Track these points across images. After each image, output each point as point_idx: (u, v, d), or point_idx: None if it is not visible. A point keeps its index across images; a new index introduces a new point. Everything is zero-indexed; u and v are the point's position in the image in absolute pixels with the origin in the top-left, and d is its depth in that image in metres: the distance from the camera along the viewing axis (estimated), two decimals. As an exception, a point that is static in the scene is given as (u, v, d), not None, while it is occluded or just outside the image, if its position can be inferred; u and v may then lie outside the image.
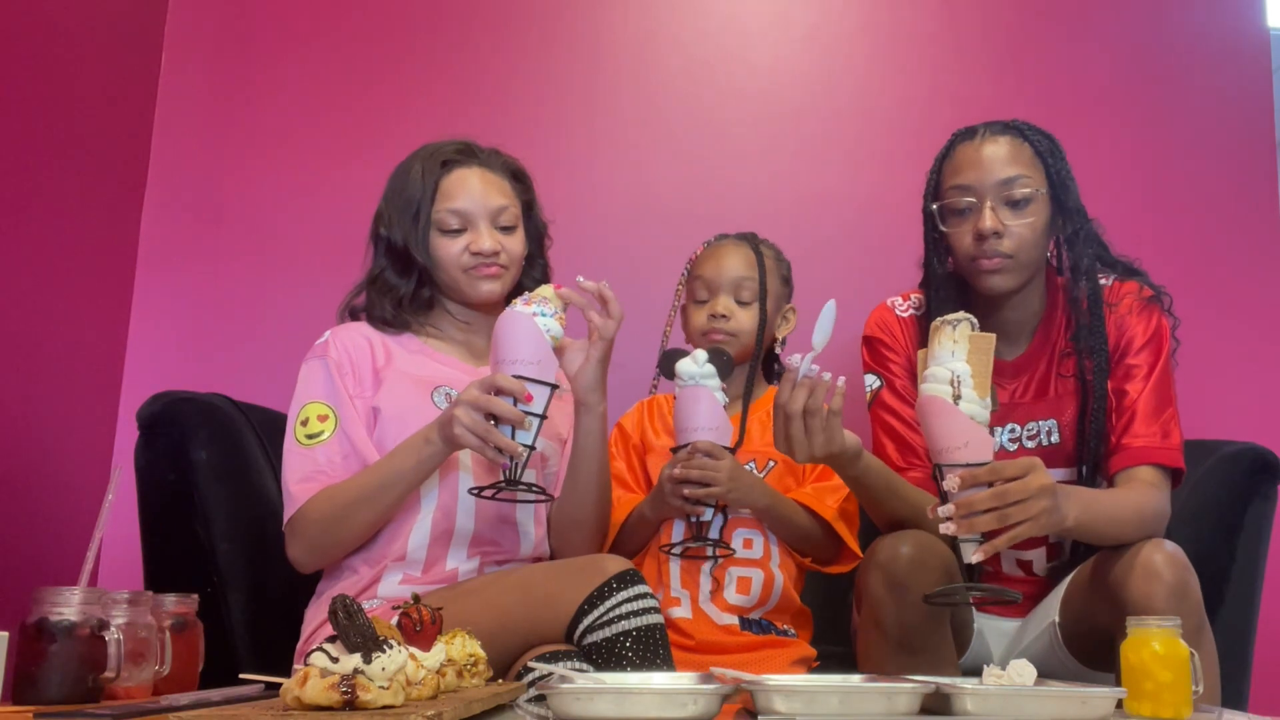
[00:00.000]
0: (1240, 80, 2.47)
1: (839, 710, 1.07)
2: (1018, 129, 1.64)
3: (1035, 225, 1.60)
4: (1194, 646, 1.36)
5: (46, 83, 1.90)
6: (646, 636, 1.40)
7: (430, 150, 1.71)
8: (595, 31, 2.44)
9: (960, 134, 1.67)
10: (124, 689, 1.16)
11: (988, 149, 1.61)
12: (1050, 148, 1.64)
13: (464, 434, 1.43)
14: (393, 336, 1.69)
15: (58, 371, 1.96)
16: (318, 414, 1.58)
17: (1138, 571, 1.40)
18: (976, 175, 1.60)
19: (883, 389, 1.72)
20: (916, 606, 1.45)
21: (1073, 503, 1.43)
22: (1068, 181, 1.63)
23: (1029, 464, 1.36)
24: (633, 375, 2.07)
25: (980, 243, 1.58)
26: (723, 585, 1.74)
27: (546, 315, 1.48)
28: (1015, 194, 1.58)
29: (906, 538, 1.49)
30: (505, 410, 1.44)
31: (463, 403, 1.44)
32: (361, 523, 1.53)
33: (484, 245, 1.64)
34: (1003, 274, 1.59)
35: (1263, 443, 1.83)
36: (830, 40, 2.47)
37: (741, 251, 1.84)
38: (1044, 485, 1.35)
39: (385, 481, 1.51)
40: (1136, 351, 1.62)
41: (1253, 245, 2.40)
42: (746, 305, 1.82)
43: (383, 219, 1.70)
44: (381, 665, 0.97)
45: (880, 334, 1.75)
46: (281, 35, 2.39)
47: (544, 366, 1.47)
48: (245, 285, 2.27)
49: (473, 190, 1.67)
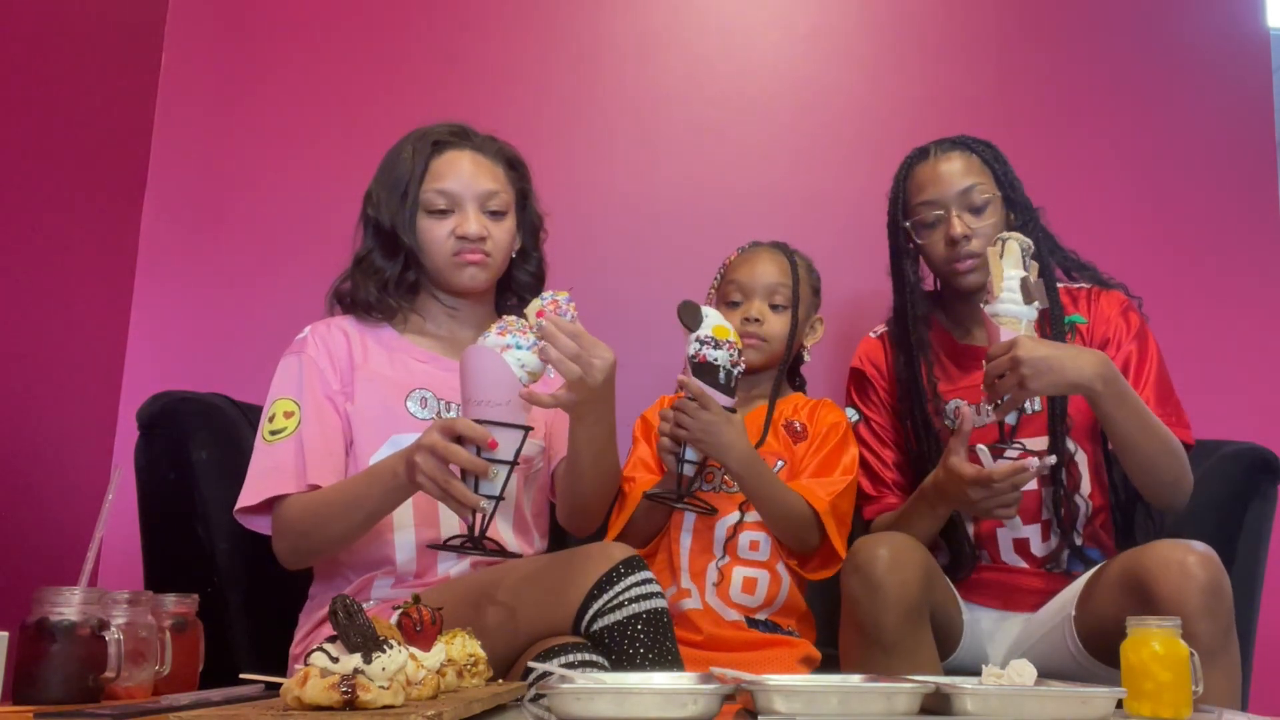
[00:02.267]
0: (1240, 80, 2.47)
1: (839, 710, 1.08)
2: (964, 144, 1.81)
3: (996, 224, 1.76)
4: (1222, 647, 1.39)
5: (46, 83, 1.90)
6: (656, 620, 1.39)
7: (423, 131, 1.67)
8: (595, 31, 2.44)
9: (914, 156, 1.84)
10: (124, 689, 1.16)
11: (943, 165, 1.78)
12: (994, 155, 1.81)
13: (424, 482, 1.34)
14: (372, 330, 1.66)
15: (58, 371, 1.96)
16: (284, 410, 1.56)
17: (1171, 568, 1.41)
18: (938, 190, 1.77)
19: (859, 423, 1.88)
20: (894, 607, 1.48)
21: (1093, 357, 1.55)
22: (1014, 181, 1.81)
23: (1017, 342, 1.52)
24: (633, 375, 2.06)
25: (953, 247, 1.75)
26: (728, 579, 1.74)
27: (522, 348, 1.35)
28: (975, 200, 1.76)
29: (884, 540, 1.54)
30: (466, 460, 1.32)
31: (422, 448, 1.33)
32: (334, 535, 1.50)
33: (469, 229, 1.60)
34: (977, 271, 1.74)
35: (1263, 443, 1.83)
36: (830, 40, 2.47)
37: (776, 259, 1.88)
38: (1020, 358, 1.51)
39: (353, 502, 1.47)
40: (1121, 343, 1.74)
41: (1253, 245, 2.40)
42: (779, 311, 1.85)
43: (371, 199, 1.66)
44: (381, 665, 0.97)
45: (864, 367, 1.90)
46: (282, 35, 2.39)
47: (514, 408, 1.34)
48: (245, 285, 2.27)
49: (462, 172, 1.63)
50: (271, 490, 1.51)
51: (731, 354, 1.64)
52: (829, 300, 1.97)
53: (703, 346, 1.64)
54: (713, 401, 1.62)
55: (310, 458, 1.52)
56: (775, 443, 1.84)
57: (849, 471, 1.80)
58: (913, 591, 1.50)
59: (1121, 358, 1.71)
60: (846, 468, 1.80)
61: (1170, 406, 1.69)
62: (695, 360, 1.65)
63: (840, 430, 1.84)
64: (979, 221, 1.75)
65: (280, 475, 1.52)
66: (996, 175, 1.78)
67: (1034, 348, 1.52)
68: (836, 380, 2.08)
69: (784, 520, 1.74)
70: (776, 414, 1.85)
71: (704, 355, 1.64)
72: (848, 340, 2.15)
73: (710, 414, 1.62)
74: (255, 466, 1.54)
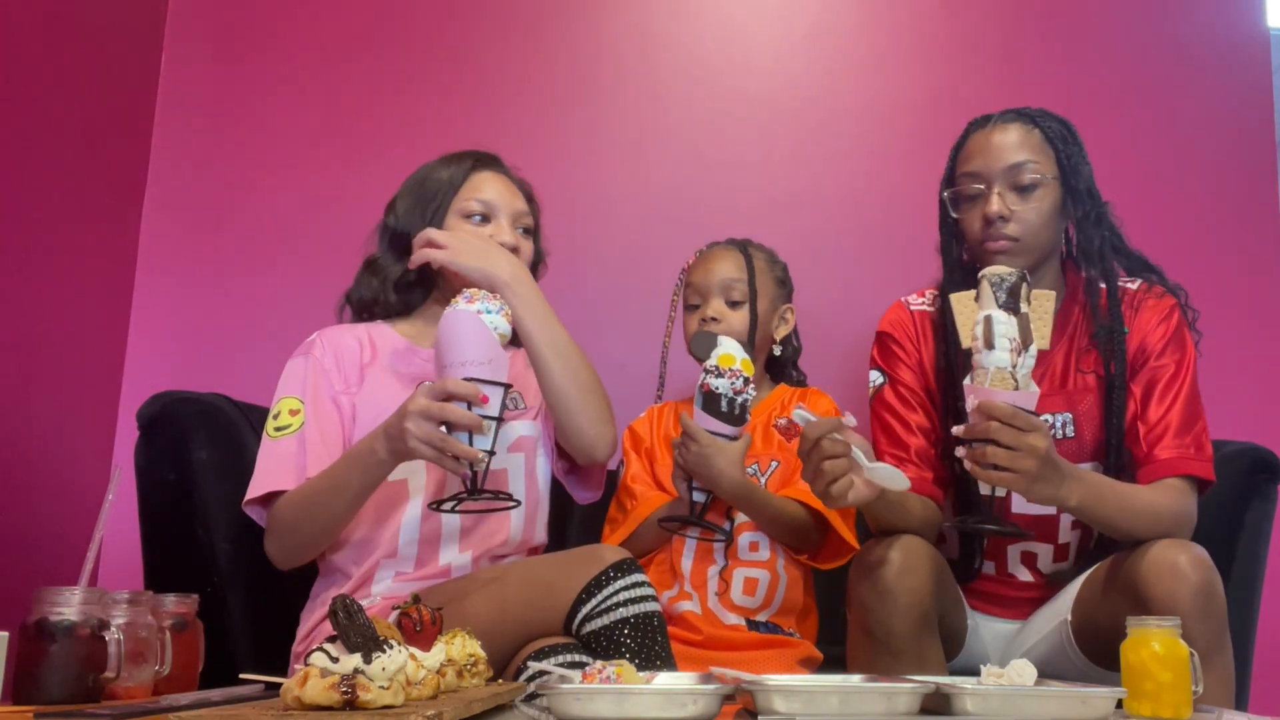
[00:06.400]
0: (1240, 80, 2.47)
1: (839, 710, 1.08)
2: (1029, 115, 1.67)
3: (1042, 210, 1.62)
4: (1216, 648, 1.36)
5: (46, 83, 1.90)
6: (644, 624, 1.40)
7: (461, 153, 1.76)
8: (596, 32, 2.44)
9: (974, 122, 1.71)
10: (124, 689, 1.16)
11: (996, 136, 1.65)
12: (1062, 133, 1.66)
13: (419, 447, 1.38)
14: (380, 334, 1.70)
15: (58, 371, 1.96)
16: (289, 408, 1.59)
17: (1163, 571, 1.39)
18: (984, 162, 1.64)
19: (885, 386, 1.73)
20: (904, 614, 1.46)
21: (1080, 484, 1.44)
22: (1080, 166, 1.65)
23: (1037, 425, 1.37)
24: (634, 375, 2.07)
25: (987, 227, 1.62)
26: (730, 586, 1.75)
27: (492, 312, 1.43)
28: (1022, 179, 1.62)
29: (895, 544, 1.50)
30: (461, 416, 1.36)
31: (412, 414, 1.37)
32: (318, 526, 1.51)
33: (505, 238, 1.67)
34: (1009, 256, 1.60)
35: (1263, 443, 1.83)
36: (830, 40, 2.47)
37: (730, 255, 1.87)
38: (1037, 448, 1.36)
39: (334, 486, 1.49)
40: (1159, 354, 1.63)
41: (1253, 245, 2.40)
42: (738, 307, 1.84)
43: (394, 209, 1.74)
44: (382, 665, 0.97)
45: (892, 330, 1.75)
46: (281, 37, 2.39)
47: (495, 366, 1.40)
48: (245, 285, 2.27)
49: (500, 189, 1.72)
50: (274, 484, 1.53)
51: (734, 381, 1.64)
52: (829, 299, 1.97)
53: (707, 376, 1.66)
54: (702, 434, 1.64)
55: (311, 456, 1.55)
56: (768, 445, 1.84)
57: None
58: (924, 598, 1.48)
59: (1152, 373, 1.62)
60: None
61: (1191, 437, 1.57)
62: (702, 390, 1.66)
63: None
64: (1023, 204, 1.61)
65: (283, 471, 1.54)
66: (1059, 156, 1.64)
67: (1043, 443, 1.37)
68: (835, 378, 2.08)
69: (783, 531, 1.76)
70: (765, 415, 1.85)
71: (708, 384, 1.66)
72: (853, 337, 2.16)
73: (699, 445, 1.63)
74: (260, 462, 1.57)
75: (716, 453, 1.64)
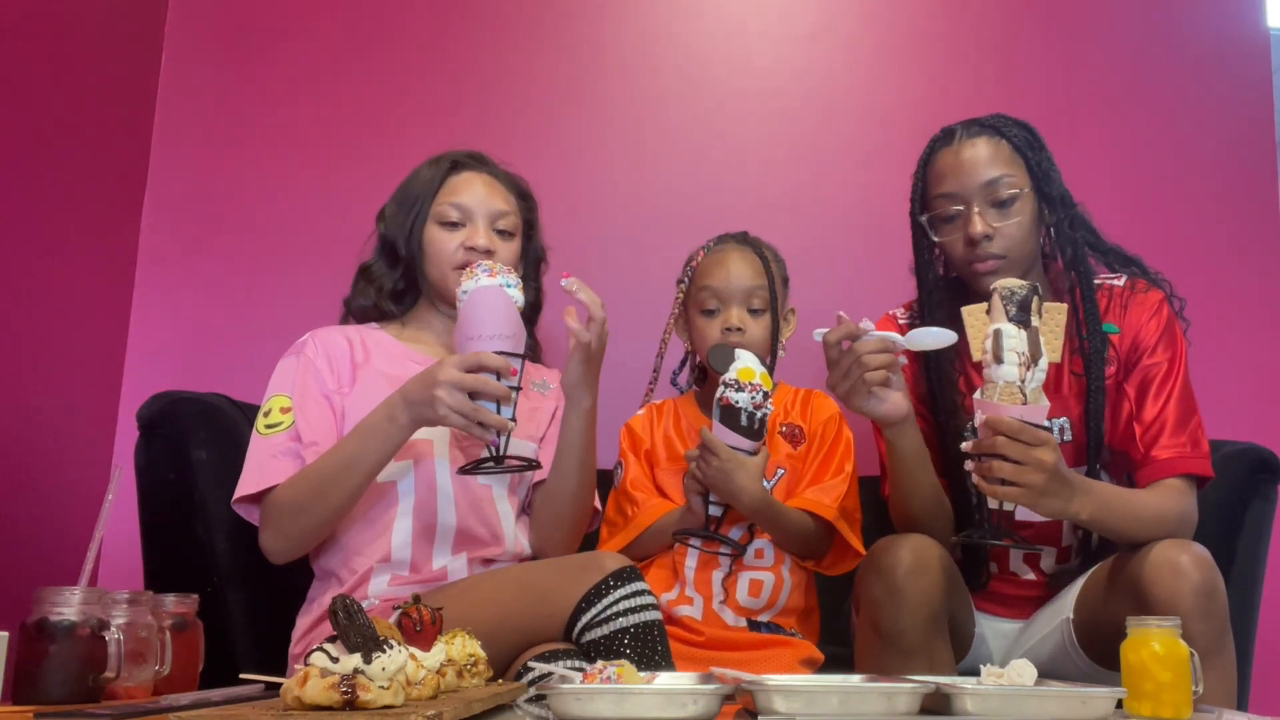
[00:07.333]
0: (1240, 80, 2.47)
1: (839, 710, 1.08)
2: (992, 126, 1.64)
3: (1023, 223, 1.61)
4: (1217, 648, 1.36)
5: (46, 84, 1.90)
6: (645, 633, 1.40)
7: (442, 155, 1.76)
8: (595, 31, 2.44)
9: (938, 139, 1.67)
10: (124, 689, 1.16)
11: (966, 152, 1.62)
12: (1028, 140, 1.64)
13: (449, 414, 1.42)
14: (372, 336, 1.71)
15: (58, 371, 1.96)
16: (280, 406, 1.60)
17: (1165, 570, 1.40)
18: (959, 181, 1.61)
19: None
20: (914, 612, 1.46)
21: (1089, 497, 1.45)
22: (1050, 172, 1.64)
23: (1044, 439, 1.37)
24: (633, 374, 2.07)
25: (972, 248, 1.60)
26: (733, 593, 1.74)
27: (512, 286, 1.47)
28: (1000, 194, 1.60)
29: (906, 542, 1.50)
30: (494, 387, 1.42)
31: (443, 383, 1.41)
32: (327, 508, 1.51)
33: (479, 241, 1.67)
34: (999, 274, 1.58)
35: (1263, 443, 1.82)
36: (831, 40, 2.47)
37: (748, 259, 1.82)
38: (1044, 462, 1.37)
39: (347, 464, 1.50)
40: (1152, 351, 1.63)
41: (1253, 245, 2.40)
42: (758, 314, 1.81)
43: (384, 216, 1.76)
44: (381, 665, 0.97)
45: None
46: (281, 37, 2.39)
47: (518, 339, 1.46)
48: (245, 285, 2.27)
49: (476, 190, 1.71)
50: (268, 480, 1.53)
51: (754, 396, 1.62)
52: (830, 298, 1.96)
53: (726, 389, 1.64)
54: (722, 448, 1.61)
55: (305, 452, 1.55)
56: (774, 453, 1.81)
57: (847, 463, 1.80)
58: (935, 597, 1.47)
59: (1145, 371, 1.62)
60: (844, 462, 1.80)
61: (1187, 434, 1.57)
62: (720, 404, 1.64)
63: (835, 423, 1.84)
64: (1004, 220, 1.60)
65: (277, 466, 1.54)
66: (1029, 164, 1.62)
67: (1052, 458, 1.38)
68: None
69: (795, 542, 1.76)
70: (771, 423, 1.84)
71: (727, 398, 1.63)
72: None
73: (720, 460, 1.61)
74: (251, 459, 1.56)
75: (737, 468, 1.62)
